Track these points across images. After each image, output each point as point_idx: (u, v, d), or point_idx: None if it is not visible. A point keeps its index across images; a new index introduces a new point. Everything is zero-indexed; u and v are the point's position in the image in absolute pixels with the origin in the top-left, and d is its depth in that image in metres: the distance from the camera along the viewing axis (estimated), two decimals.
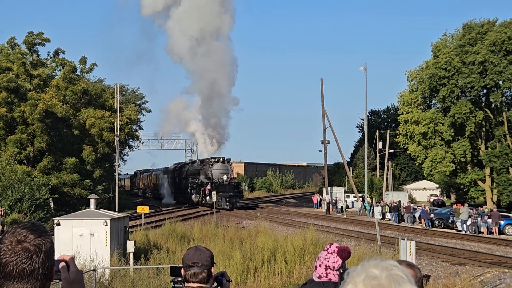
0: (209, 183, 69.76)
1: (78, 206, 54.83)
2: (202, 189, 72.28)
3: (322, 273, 5.00)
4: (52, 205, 50.55)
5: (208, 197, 66.95)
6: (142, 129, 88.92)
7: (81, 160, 63.15)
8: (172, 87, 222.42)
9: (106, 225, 24.58)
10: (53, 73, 65.95)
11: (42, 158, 60.75)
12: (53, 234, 23.49)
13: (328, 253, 5.01)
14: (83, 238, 24.24)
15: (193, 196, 74.82)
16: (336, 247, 5.04)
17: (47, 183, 54.68)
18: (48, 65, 65.86)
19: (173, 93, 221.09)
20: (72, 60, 65.34)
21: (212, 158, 75.48)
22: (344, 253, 4.99)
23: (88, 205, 28.60)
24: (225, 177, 70.31)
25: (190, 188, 77.28)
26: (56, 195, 54.78)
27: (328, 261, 4.99)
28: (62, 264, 3.04)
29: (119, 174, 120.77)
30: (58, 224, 24.51)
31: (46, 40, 63.70)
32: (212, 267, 5.19)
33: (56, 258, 3.00)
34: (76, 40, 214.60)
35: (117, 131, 58.85)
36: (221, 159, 73.51)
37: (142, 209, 38.38)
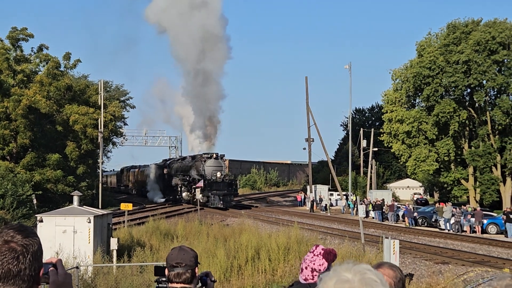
0: (202, 180, 65.27)
1: (61, 202, 54.50)
2: (194, 186, 67.95)
3: (308, 275, 4.97)
4: (35, 201, 50.26)
5: (200, 195, 63.29)
6: (127, 125, 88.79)
7: (64, 156, 62.78)
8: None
9: (90, 222, 24.46)
10: (37, 69, 65.52)
11: (25, 154, 60.37)
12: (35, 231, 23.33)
13: (314, 255, 4.97)
14: (66, 235, 24.11)
15: (184, 194, 72.58)
16: (322, 249, 5.01)
17: (30, 179, 54.39)
18: (32, 61, 65.45)
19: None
20: (56, 56, 64.97)
21: (204, 154, 71.93)
22: (330, 256, 4.96)
23: (71, 202, 28.46)
24: (218, 174, 67.65)
25: (180, 185, 74.63)
26: (39, 191, 54.45)
27: (314, 264, 4.96)
28: (51, 268, 3.00)
29: (104, 171, 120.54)
30: (41, 220, 24.38)
31: (29, 36, 63.34)
32: (196, 267, 5.15)
33: (44, 261, 2.96)
34: (60, 35, 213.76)
35: (101, 128, 58.64)
36: (214, 155, 70.34)
37: (126, 206, 38.33)
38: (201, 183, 63.36)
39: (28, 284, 2.71)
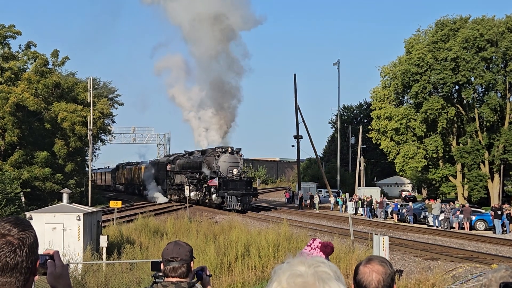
0: (216, 179, 58.87)
1: (49, 200, 54.35)
2: (205, 185, 61.58)
3: None
4: (23, 199, 50.06)
5: (214, 195, 58.86)
6: (115, 122, 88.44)
7: (52, 154, 62.62)
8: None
9: (79, 219, 24.42)
10: (25, 66, 65.21)
11: (13, 152, 60.14)
12: None
13: (312, 248, 5.01)
14: (55, 232, 24.06)
15: (191, 193, 62.86)
16: (319, 242, 5.05)
17: (18, 177, 54.19)
18: (20, 58, 65.11)
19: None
20: (44, 53, 64.75)
21: (218, 147, 63.03)
22: (327, 249, 5.01)
23: (60, 200, 28.42)
24: (235, 171, 59.40)
25: (187, 184, 64.69)
26: (27, 189, 54.26)
27: None
28: (48, 260, 3.05)
29: (99, 168, 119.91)
30: (30, 218, 24.27)
31: (17, 33, 63.06)
32: (192, 262, 5.18)
33: (41, 252, 2.99)
34: (48, 32, 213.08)
35: (90, 125, 58.47)
36: (229, 149, 61.83)
37: (115, 204, 38.27)
38: (215, 181, 58.49)
39: (26, 276, 2.73)
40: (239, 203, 57.32)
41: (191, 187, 63.65)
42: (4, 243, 2.69)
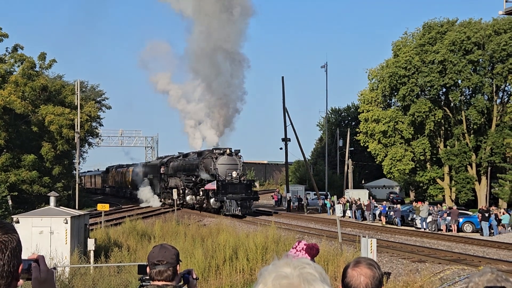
0: (214, 182, 55.69)
1: (37, 203, 54.18)
2: (202, 189, 58.19)
3: None
4: (10, 202, 49.87)
5: (212, 200, 56.04)
6: (102, 125, 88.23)
7: (40, 157, 62.38)
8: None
9: (66, 223, 24.32)
10: (12, 69, 64.95)
11: (0, 155, 59.94)
12: None
13: (297, 250, 5.01)
14: (42, 236, 23.95)
15: (187, 197, 61.70)
16: (305, 244, 5.05)
17: (5, 180, 54.01)
18: (7, 61, 64.85)
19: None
20: (31, 56, 64.54)
21: (215, 149, 59.89)
22: (312, 250, 5.00)
23: (47, 203, 28.28)
24: (234, 174, 56.70)
25: (183, 187, 63.42)
26: (14, 192, 54.11)
27: None
28: (34, 264, 3.00)
29: (89, 171, 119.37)
30: (17, 221, 24.19)
31: (4, 36, 62.78)
32: (178, 265, 5.17)
33: (26, 257, 2.95)
34: (35, 35, 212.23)
35: (77, 128, 58.32)
36: (227, 150, 58.60)
37: (102, 207, 38.13)
38: (213, 185, 55.51)
39: (7, 280, 2.69)
40: (239, 208, 54.48)
41: (187, 191, 62.18)
42: None
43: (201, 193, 58.94)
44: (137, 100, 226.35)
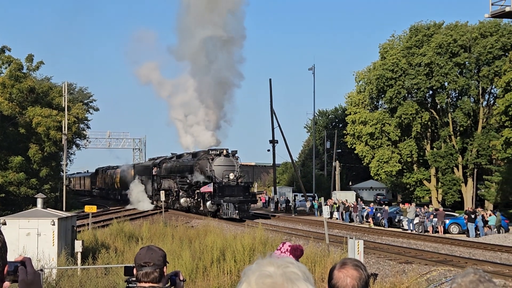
0: (211, 184, 53.77)
1: (24, 205, 53.99)
2: (198, 191, 56.30)
3: None
4: None
5: (209, 203, 54.05)
6: (90, 128, 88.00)
7: (27, 159, 62.21)
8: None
9: (54, 224, 24.22)
10: None
11: None
12: None
13: (281, 252, 5.02)
14: (29, 237, 23.85)
15: (181, 200, 59.95)
16: (289, 246, 5.06)
17: None
18: None
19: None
20: (18, 58, 64.35)
21: (211, 150, 57.95)
22: (296, 252, 5.01)
23: (34, 205, 28.22)
24: (231, 176, 54.93)
25: (177, 189, 61.77)
26: (1, 194, 53.96)
27: None
28: (20, 266, 3.00)
29: (78, 172, 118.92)
30: (4, 223, 24.07)
31: None
32: (165, 267, 5.16)
33: (12, 259, 2.95)
34: (23, 36, 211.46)
35: (65, 130, 58.15)
36: (224, 151, 56.74)
37: (90, 209, 37.97)
38: (209, 187, 53.75)
39: None
40: (237, 211, 52.52)
41: (181, 193, 60.43)
42: None
43: (196, 195, 57.20)
44: (125, 102, 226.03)
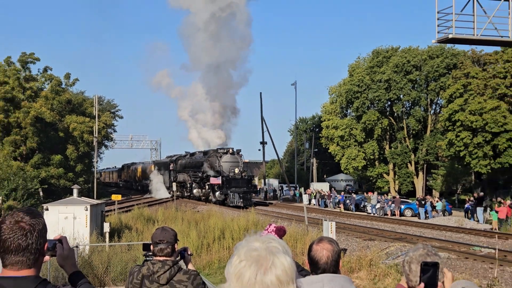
0: (219, 177, 53.36)
1: (62, 194, 53.77)
2: (208, 183, 55.58)
3: None
4: (41, 194, 49.50)
5: (218, 193, 53.72)
6: (116, 131, 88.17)
7: (65, 157, 62.44)
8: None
9: (86, 210, 24.18)
10: (42, 86, 64.71)
11: (33, 155, 59.74)
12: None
13: (268, 232, 5.02)
14: (67, 220, 23.80)
15: (194, 190, 59.53)
16: (274, 227, 5.06)
17: (37, 176, 53.60)
18: (38, 80, 64.63)
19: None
20: (58, 75, 64.41)
21: (219, 149, 57.54)
22: (280, 231, 5.02)
23: (71, 194, 28.16)
24: (236, 170, 54.14)
25: (190, 182, 61.00)
26: (45, 185, 53.82)
27: None
28: (57, 243, 3.05)
29: (107, 168, 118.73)
30: (47, 209, 24.03)
31: (36, 59, 62.77)
32: (176, 244, 5.19)
33: (52, 238, 3.00)
34: (61, 56, 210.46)
35: (95, 134, 58.26)
36: (230, 150, 56.35)
37: (116, 197, 37.93)
38: (218, 180, 53.33)
39: (35, 256, 2.75)
40: (241, 200, 52.19)
41: (194, 185, 59.82)
42: (18, 228, 2.71)
43: (206, 187, 56.37)
44: (144, 109, 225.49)
